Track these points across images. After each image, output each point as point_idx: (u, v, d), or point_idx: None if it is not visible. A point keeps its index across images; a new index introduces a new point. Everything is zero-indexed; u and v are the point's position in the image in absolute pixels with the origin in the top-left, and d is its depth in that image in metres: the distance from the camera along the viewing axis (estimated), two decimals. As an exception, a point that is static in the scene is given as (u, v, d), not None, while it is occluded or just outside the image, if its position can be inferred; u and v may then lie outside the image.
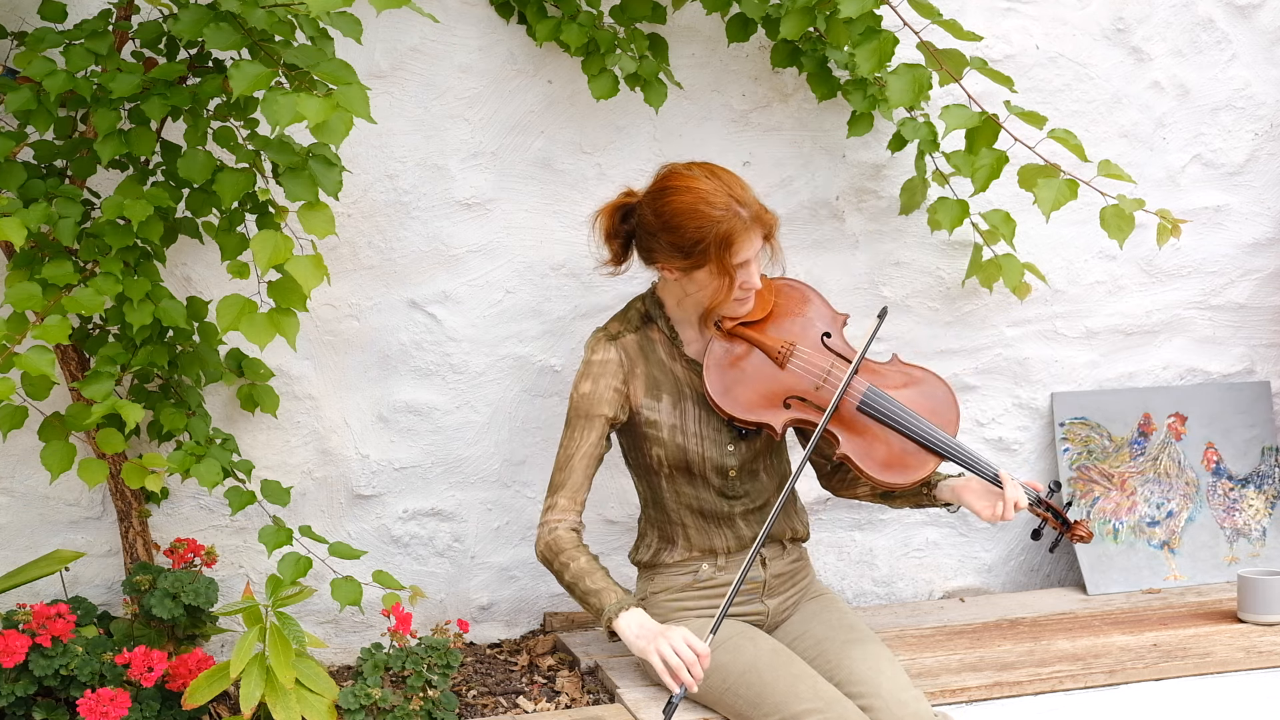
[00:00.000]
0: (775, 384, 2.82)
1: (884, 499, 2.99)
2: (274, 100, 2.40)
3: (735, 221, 2.71)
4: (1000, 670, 3.00)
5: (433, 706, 2.74)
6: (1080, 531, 2.91)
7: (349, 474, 3.21)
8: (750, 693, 2.69)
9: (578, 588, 2.78)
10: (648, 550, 2.95)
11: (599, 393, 2.83)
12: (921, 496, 2.95)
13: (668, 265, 2.79)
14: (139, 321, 2.68)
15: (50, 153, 2.77)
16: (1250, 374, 3.76)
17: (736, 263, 2.73)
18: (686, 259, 2.74)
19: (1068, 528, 2.91)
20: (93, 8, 2.90)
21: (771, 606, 2.94)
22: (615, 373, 2.84)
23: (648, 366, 2.87)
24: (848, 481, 3.04)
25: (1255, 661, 3.05)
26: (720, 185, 2.74)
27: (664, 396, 2.86)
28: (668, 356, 2.88)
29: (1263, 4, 3.61)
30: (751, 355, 2.84)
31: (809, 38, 3.20)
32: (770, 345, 2.84)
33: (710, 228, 2.70)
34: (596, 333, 2.90)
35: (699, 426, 2.87)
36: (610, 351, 2.86)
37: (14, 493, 3.05)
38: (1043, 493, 2.90)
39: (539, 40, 3.11)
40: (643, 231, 2.81)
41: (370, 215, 3.14)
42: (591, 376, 2.85)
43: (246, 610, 2.61)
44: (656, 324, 2.90)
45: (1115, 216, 3.06)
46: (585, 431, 2.83)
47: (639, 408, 2.86)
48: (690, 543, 2.91)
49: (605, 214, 2.88)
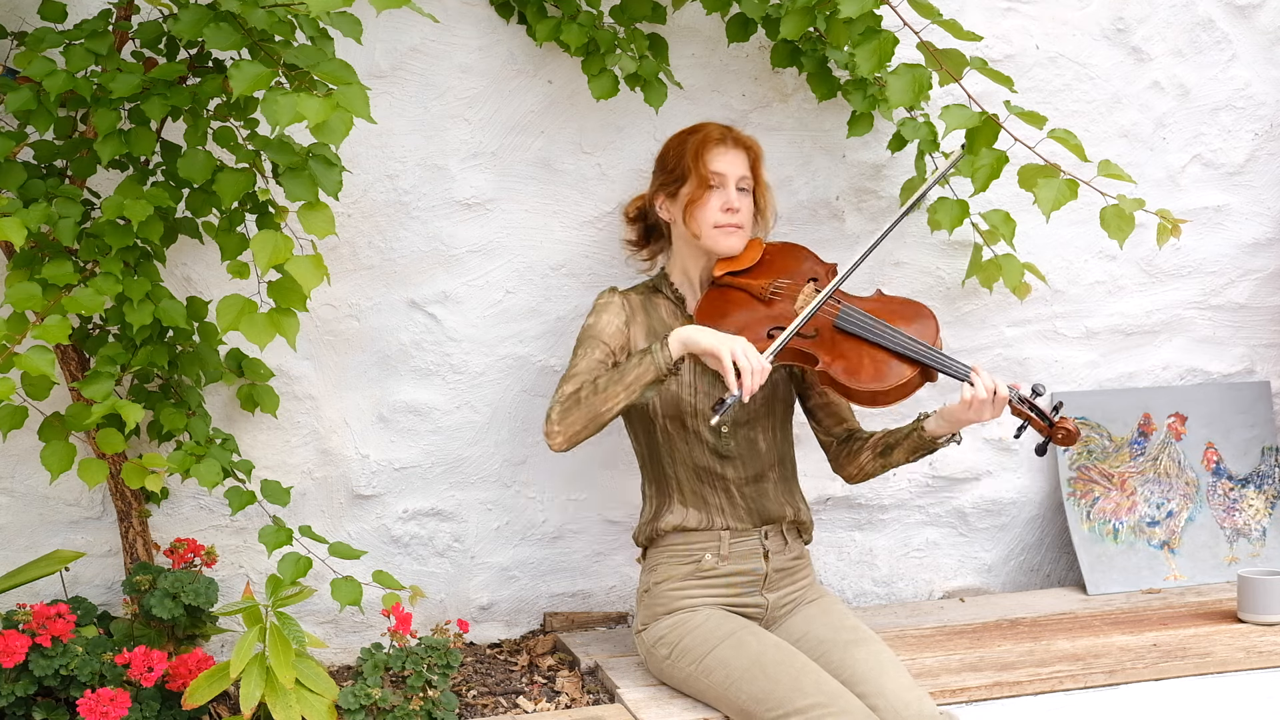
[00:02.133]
0: (759, 319, 2.90)
1: (883, 456, 2.98)
2: (274, 100, 2.40)
3: (712, 131, 2.96)
4: (1000, 670, 3.00)
5: (433, 706, 2.74)
6: (1066, 427, 2.84)
7: (349, 474, 3.21)
8: (754, 687, 2.69)
9: (616, 374, 2.79)
10: (649, 511, 2.99)
11: (602, 324, 2.94)
12: (913, 436, 2.93)
13: (662, 195, 2.99)
14: (139, 321, 2.68)
15: (50, 153, 2.77)
16: (1250, 374, 3.76)
17: (712, 170, 2.92)
18: (671, 176, 2.96)
19: (1051, 426, 2.86)
20: (93, 8, 2.90)
21: (771, 600, 2.94)
22: (618, 312, 2.96)
23: (648, 319, 2.98)
24: (853, 451, 3.04)
25: (1255, 661, 3.05)
26: (709, 123, 3.00)
27: None
28: (669, 315, 3.00)
29: (1263, 4, 3.62)
30: (738, 298, 2.94)
31: (809, 38, 3.21)
32: (755, 286, 2.94)
33: (690, 139, 2.96)
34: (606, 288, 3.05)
35: (694, 379, 2.93)
36: (614, 297, 2.99)
37: (14, 493, 3.05)
38: (1024, 391, 2.89)
39: (539, 40, 3.11)
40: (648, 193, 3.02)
41: (370, 215, 3.14)
42: (596, 311, 2.97)
43: (246, 610, 2.61)
44: (662, 291, 3.02)
45: (1115, 216, 3.06)
46: (592, 349, 2.91)
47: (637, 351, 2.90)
48: (685, 500, 2.93)
49: (634, 201, 3.13)
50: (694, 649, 2.82)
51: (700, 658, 2.80)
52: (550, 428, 2.81)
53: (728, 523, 2.93)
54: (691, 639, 2.83)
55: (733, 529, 2.93)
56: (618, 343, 2.93)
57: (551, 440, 2.82)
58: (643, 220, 3.10)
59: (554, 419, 2.81)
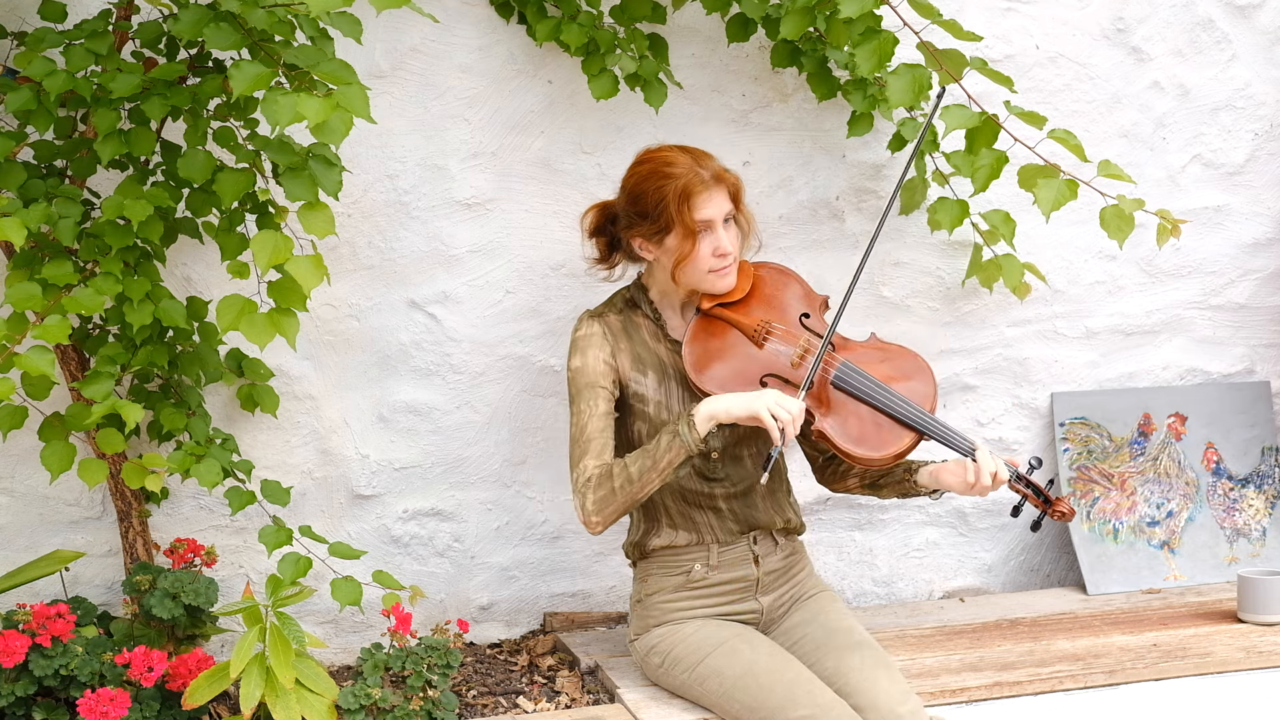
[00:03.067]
0: (752, 362, 2.83)
1: (871, 488, 2.98)
2: (274, 100, 2.40)
3: (693, 177, 2.76)
4: (1000, 670, 3.00)
5: (433, 706, 2.74)
6: (1061, 508, 2.85)
7: (349, 474, 3.21)
8: (747, 697, 2.69)
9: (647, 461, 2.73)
10: (637, 531, 2.95)
11: (590, 364, 2.84)
12: (905, 484, 2.92)
13: (641, 240, 2.83)
14: (139, 321, 2.68)
15: (50, 153, 2.77)
16: (1250, 374, 3.76)
17: (699, 219, 2.76)
18: (653, 225, 2.79)
19: (1048, 504, 2.86)
20: (93, 8, 2.90)
21: (766, 604, 2.93)
22: (601, 344, 2.86)
23: (631, 344, 2.88)
24: (839, 473, 3.03)
25: (1255, 661, 3.05)
26: (682, 153, 2.81)
27: (649, 373, 2.87)
28: (651, 338, 2.90)
29: (1263, 4, 3.61)
30: (729, 335, 2.86)
31: (809, 38, 3.20)
32: (747, 324, 2.86)
33: (669, 185, 2.76)
34: (581, 315, 2.93)
35: (683, 406, 2.87)
36: (594, 326, 2.88)
37: (14, 493, 3.05)
38: (1021, 468, 2.89)
39: (539, 40, 3.11)
40: (619, 217, 2.86)
41: (370, 215, 3.14)
42: (579, 351, 2.86)
43: (246, 610, 2.61)
44: (641, 308, 2.92)
45: (1115, 217, 3.06)
46: (592, 402, 2.83)
47: (627, 380, 2.87)
48: (674, 523, 2.90)
49: (590, 211, 2.94)
50: (686, 658, 2.81)
51: (693, 666, 2.79)
52: (589, 519, 2.77)
53: (716, 536, 2.91)
54: (684, 648, 2.82)
55: (720, 540, 2.91)
56: (610, 379, 2.85)
57: (591, 529, 2.78)
58: (605, 234, 2.93)
59: (590, 510, 2.76)
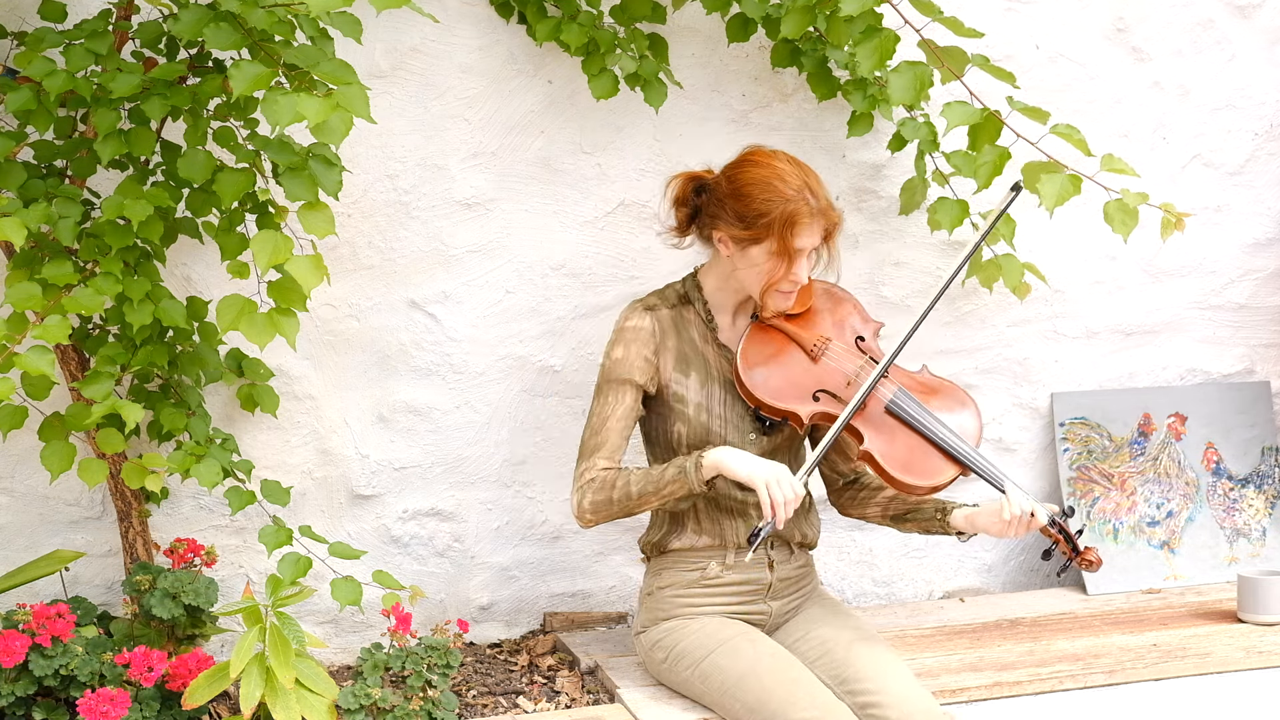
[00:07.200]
0: (806, 376, 2.84)
1: (895, 521, 2.97)
2: (274, 100, 2.40)
3: (803, 204, 2.73)
4: (1000, 670, 3.00)
5: (433, 706, 2.74)
6: (1090, 558, 2.88)
7: (349, 474, 3.21)
8: (749, 696, 2.69)
9: (650, 486, 2.74)
10: (658, 531, 2.94)
11: (630, 359, 2.83)
12: (933, 521, 2.92)
13: (727, 235, 2.79)
14: (139, 321, 2.68)
15: (50, 153, 2.77)
16: (1250, 374, 3.76)
17: (796, 246, 2.74)
18: (747, 230, 2.75)
19: (1077, 554, 2.88)
20: (93, 8, 2.90)
21: (774, 608, 2.93)
22: (647, 341, 2.84)
23: (679, 342, 2.87)
24: (858, 500, 3.03)
25: (1255, 661, 3.05)
26: (798, 171, 2.77)
27: (692, 374, 2.86)
28: (700, 338, 2.88)
29: (1263, 4, 3.61)
30: (785, 346, 2.87)
31: (809, 37, 3.20)
32: (805, 339, 2.87)
33: (779, 203, 2.72)
34: (633, 303, 2.90)
35: (724, 410, 2.86)
36: (645, 319, 2.86)
37: (14, 493, 3.05)
38: (1057, 514, 2.89)
39: (539, 40, 3.11)
40: (712, 200, 2.82)
41: (370, 215, 3.14)
42: (624, 342, 2.84)
43: (246, 610, 2.61)
44: (693, 305, 2.90)
45: (1119, 211, 3.05)
46: (619, 396, 2.82)
47: (667, 381, 2.85)
48: (700, 528, 2.90)
49: (679, 180, 2.89)
50: (690, 653, 2.81)
51: (697, 663, 2.79)
52: (582, 515, 2.78)
53: (738, 540, 2.90)
54: (688, 643, 2.82)
55: (740, 545, 2.91)
56: (647, 375, 2.84)
57: (582, 523, 2.80)
58: (688, 206, 2.88)
59: (585, 508, 2.78)
